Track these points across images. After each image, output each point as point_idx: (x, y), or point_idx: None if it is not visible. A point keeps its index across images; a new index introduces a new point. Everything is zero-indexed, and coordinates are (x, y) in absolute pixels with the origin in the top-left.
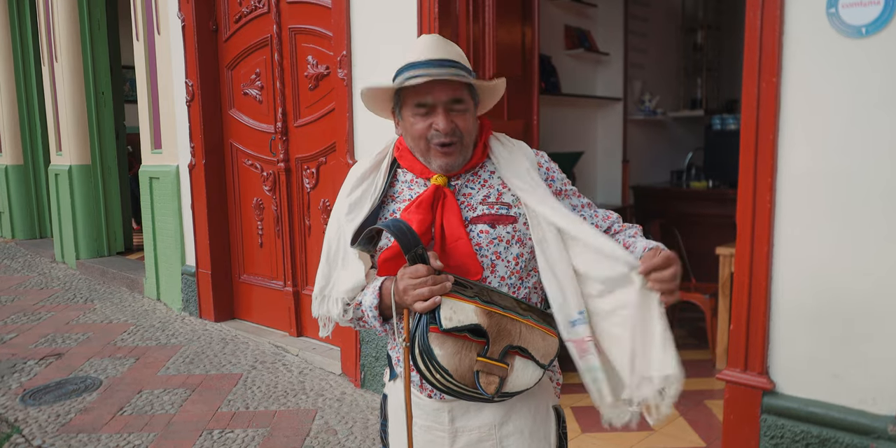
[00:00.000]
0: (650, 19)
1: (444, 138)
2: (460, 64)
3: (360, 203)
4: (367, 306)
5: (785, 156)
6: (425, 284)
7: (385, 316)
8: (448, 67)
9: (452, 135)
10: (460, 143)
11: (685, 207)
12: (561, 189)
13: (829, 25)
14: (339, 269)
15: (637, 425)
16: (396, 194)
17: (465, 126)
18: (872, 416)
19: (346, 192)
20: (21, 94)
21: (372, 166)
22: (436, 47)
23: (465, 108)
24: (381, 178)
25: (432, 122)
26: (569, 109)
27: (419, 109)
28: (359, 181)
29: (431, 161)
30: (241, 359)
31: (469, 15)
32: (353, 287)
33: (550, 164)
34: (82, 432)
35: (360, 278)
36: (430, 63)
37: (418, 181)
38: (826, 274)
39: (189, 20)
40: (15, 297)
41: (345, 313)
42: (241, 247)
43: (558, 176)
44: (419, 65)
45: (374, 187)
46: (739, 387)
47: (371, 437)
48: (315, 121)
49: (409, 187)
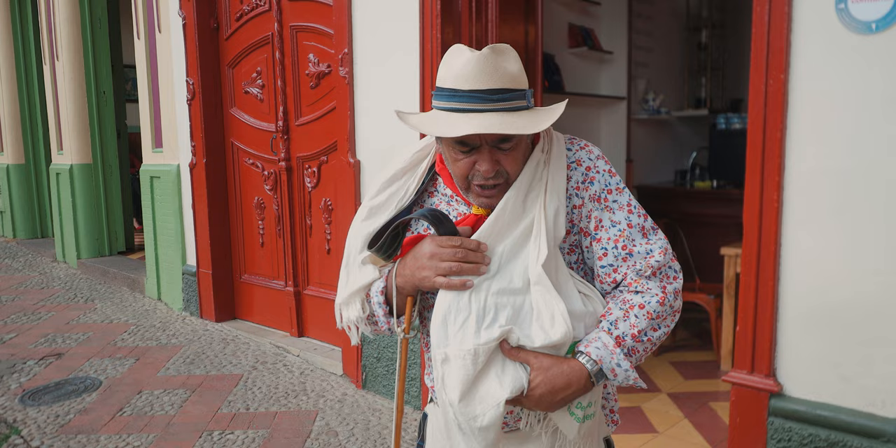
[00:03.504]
0: (654, 18)
1: (486, 181)
2: (513, 91)
3: (384, 207)
4: (374, 292)
5: (793, 154)
6: (455, 257)
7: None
8: (497, 100)
9: (497, 177)
10: (505, 184)
11: (689, 207)
12: (599, 195)
13: (838, 21)
14: (356, 272)
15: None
16: (434, 205)
17: (512, 167)
18: (882, 419)
19: (372, 193)
20: (22, 92)
21: (406, 167)
22: (480, 72)
23: (513, 145)
24: (414, 182)
25: (475, 161)
26: (572, 108)
27: (461, 147)
28: (388, 183)
29: (472, 198)
30: (241, 359)
31: (472, 13)
32: (365, 284)
33: (596, 162)
34: (81, 433)
35: (373, 276)
36: (475, 97)
37: (459, 199)
38: (834, 274)
39: (190, 18)
40: (15, 296)
41: (363, 310)
42: (242, 246)
43: (602, 179)
44: (462, 96)
45: (405, 192)
46: (746, 389)
47: (372, 439)
48: (316, 119)
49: (448, 202)
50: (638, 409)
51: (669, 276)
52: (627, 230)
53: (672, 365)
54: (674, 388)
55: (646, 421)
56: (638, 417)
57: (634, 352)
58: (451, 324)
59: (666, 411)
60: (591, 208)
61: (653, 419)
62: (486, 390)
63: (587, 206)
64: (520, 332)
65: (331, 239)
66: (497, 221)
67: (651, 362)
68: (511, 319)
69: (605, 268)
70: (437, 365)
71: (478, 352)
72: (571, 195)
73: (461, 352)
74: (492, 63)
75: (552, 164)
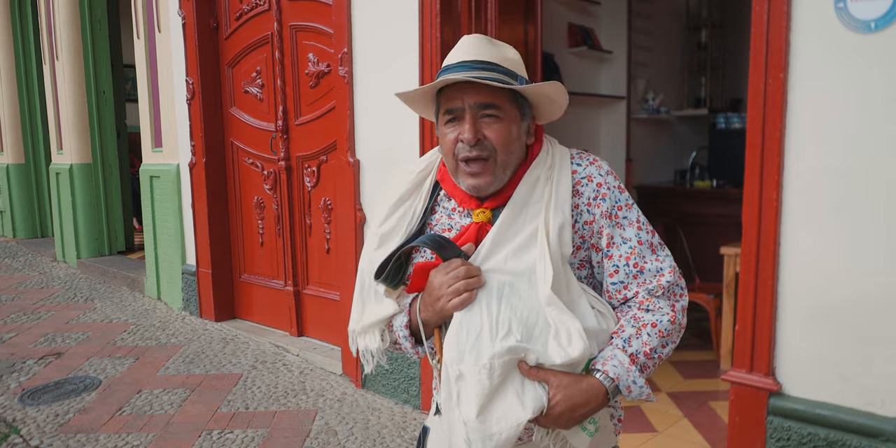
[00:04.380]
0: (654, 17)
1: (468, 152)
2: (499, 66)
3: (394, 233)
4: (397, 326)
5: (792, 153)
6: (459, 277)
7: (417, 337)
8: (481, 69)
9: (481, 148)
10: (492, 161)
11: (689, 207)
12: (611, 211)
13: (838, 20)
14: (373, 304)
15: (641, 427)
16: (434, 222)
17: (497, 139)
18: (881, 417)
19: (381, 219)
20: (22, 92)
21: (411, 188)
22: (473, 48)
23: (499, 115)
24: (420, 203)
25: (459, 132)
26: (572, 108)
27: (447, 116)
28: (394, 207)
29: (460, 182)
30: (241, 359)
31: (471, 12)
32: (384, 317)
33: (606, 177)
34: (81, 432)
35: (393, 309)
36: (463, 66)
37: (460, 211)
38: (834, 274)
39: (190, 18)
40: (15, 296)
41: (382, 341)
42: (242, 246)
43: (612, 195)
44: (452, 68)
45: (413, 214)
46: (745, 388)
47: (372, 438)
48: (316, 119)
49: (450, 216)
50: (637, 408)
51: (677, 293)
52: (638, 247)
53: (671, 364)
54: (673, 387)
55: (645, 420)
56: (637, 417)
57: (646, 368)
58: (465, 340)
59: (665, 410)
60: (603, 225)
61: (652, 418)
62: (506, 409)
63: (599, 222)
64: (537, 351)
65: (330, 238)
66: (500, 230)
67: None
68: (525, 334)
69: (615, 285)
70: (451, 383)
71: (493, 366)
72: (583, 211)
73: (476, 367)
74: (486, 44)
75: (556, 180)
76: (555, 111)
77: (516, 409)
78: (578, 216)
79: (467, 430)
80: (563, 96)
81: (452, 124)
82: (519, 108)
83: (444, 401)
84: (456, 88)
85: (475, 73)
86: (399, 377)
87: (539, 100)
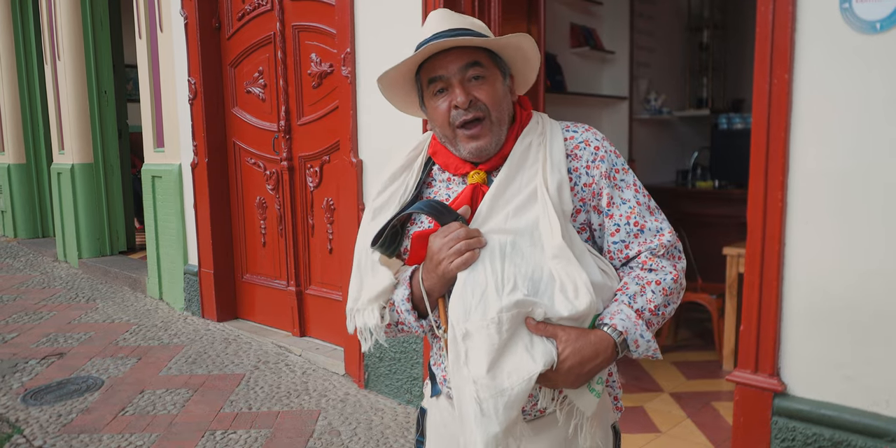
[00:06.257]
0: (656, 18)
1: (464, 115)
2: (471, 30)
3: (387, 206)
4: (398, 300)
5: (797, 153)
6: (459, 239)
7: (420, 311)
8: (456, 36)
9: (475, 109)
10: (488, 120)
11: (691, 207)
12: (609, 173)
13: (843, 21)
14: (370, 278)
15: (644, 428)
16: (432, 194)
17: (488, 98)
18: (886, 418)
19: (374, 195)
20: (24, 92)
21: (403, 165)
22: (442, 19)
23: (484, 75)
24: (413, 177)
25: (451, 100)
26: (574, 108)
27: (435, 87)
28: (388, 182)
29: (460, 148)
30: (243, 359)
31: (474, 13)
32: (382, 290)
33: (603, 142)
34: (84, 433)
35: (390, 280)
36: (439, 36)
37: (455, 179)
38: (838, 274)
39: (192, 18)
40: (17, 296)
41: (382, 319)
42: (244, 246)
43: (610, 158)
44: (426, 41)
45: (405, 188)
46: (750, 388)
47: (375, 439)
48: (318, 119)
49: (448, 187)
50: (640, 408)
51: (676, 255)
52: (637, 208)
53: (674, 365)
54: (676, 387)
55: (648, 421)
56: (640, 417)
57: (651, 324)
58: (470, 298)
59: (668, 411)
60: (603, 185)
61: (655, 419)
62: (517, 364)
63: (598, 183)
64: (544, 304)
65: (333, 238)
66: (497, 192)
67: (653, 362)
68: (532, 288)
69: (616, 244)
70: (458, 343)
71: (501, 320)
72: (582, 174)
73: (484, 322)
74: (452, 15)
75: (549, 142)
76: (528, 71)
77: (527, 363)
78: (577, 179)
79: (477, 388)
80: (534, 50)
81: (442, 95)
82: (498, 66)
83: (452, 363)
84: (436, 59)
85: (454, 39)
86: (402, 377)
87: (514, 57)
